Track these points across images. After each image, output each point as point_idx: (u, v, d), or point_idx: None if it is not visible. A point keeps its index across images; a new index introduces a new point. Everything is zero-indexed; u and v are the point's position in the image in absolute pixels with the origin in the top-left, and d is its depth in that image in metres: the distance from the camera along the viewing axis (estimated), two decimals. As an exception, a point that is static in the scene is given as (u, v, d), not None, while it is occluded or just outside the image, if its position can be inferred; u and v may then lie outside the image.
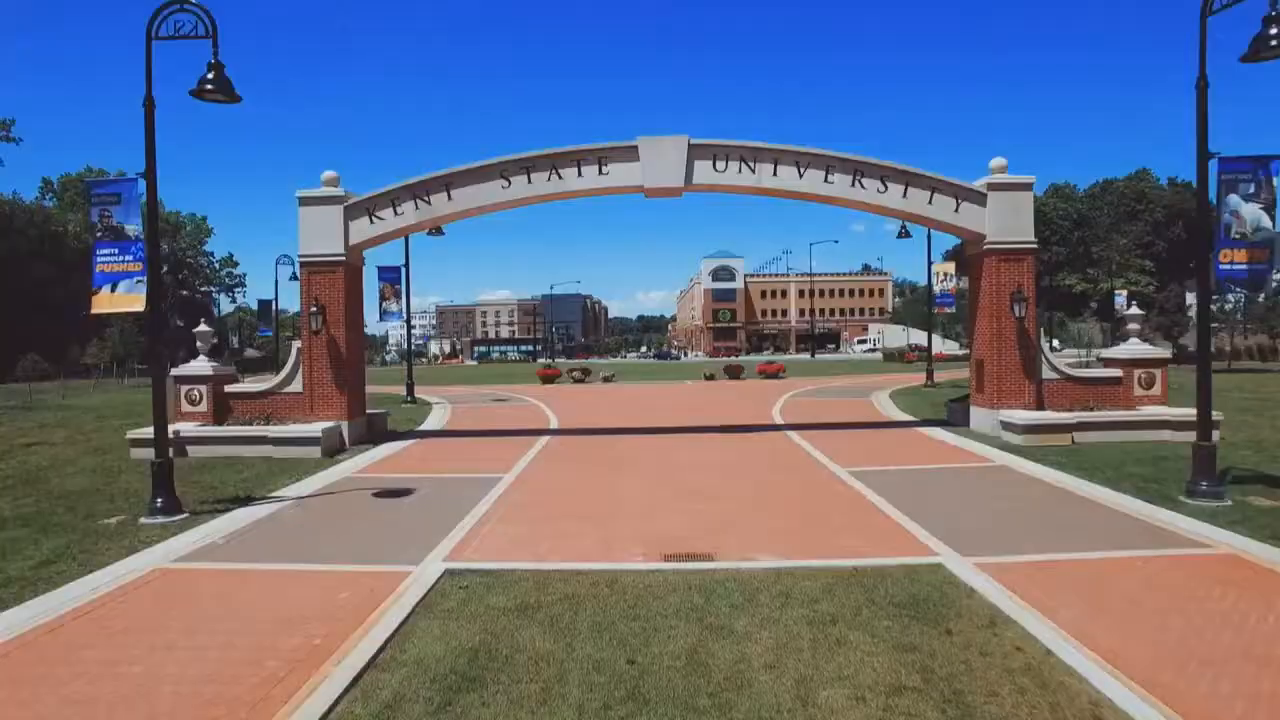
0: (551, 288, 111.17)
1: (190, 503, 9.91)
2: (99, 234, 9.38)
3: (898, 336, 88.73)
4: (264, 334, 56.29)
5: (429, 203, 15.35)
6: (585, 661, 5.03)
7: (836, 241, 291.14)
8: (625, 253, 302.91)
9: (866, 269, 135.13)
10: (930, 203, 15.34)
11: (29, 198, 62.45)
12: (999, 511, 9.11)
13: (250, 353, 76.33)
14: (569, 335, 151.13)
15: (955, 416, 17.15)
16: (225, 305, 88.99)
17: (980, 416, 15.80)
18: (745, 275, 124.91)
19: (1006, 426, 14.60)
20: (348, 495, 10.74)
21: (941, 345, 59.59)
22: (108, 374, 44.88)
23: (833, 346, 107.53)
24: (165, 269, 78.83)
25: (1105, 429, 14.19)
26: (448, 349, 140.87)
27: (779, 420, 19.22)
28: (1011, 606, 5.80)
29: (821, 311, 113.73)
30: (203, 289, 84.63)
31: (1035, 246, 15.39)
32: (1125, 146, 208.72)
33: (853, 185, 15.26)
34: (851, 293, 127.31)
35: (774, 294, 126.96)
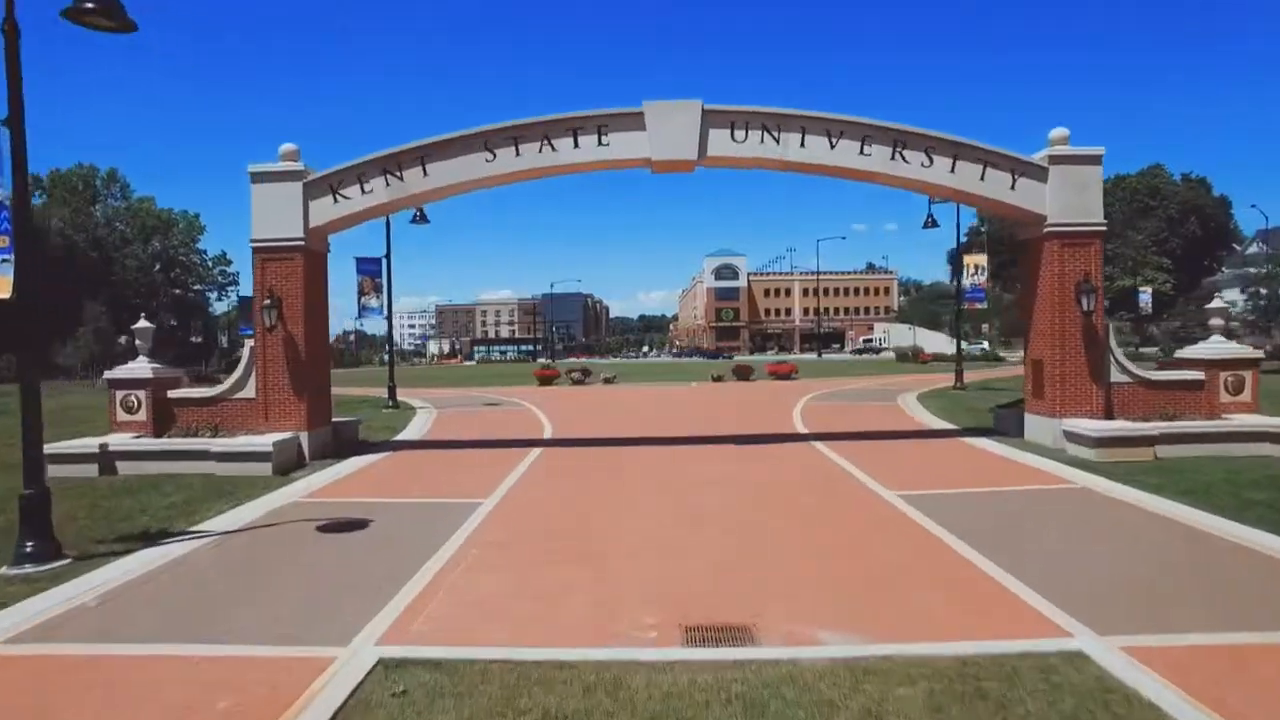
0: (552, 286, 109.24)
1: (83, 541, 7.88)
2: (-49, 199, 7.32)
3: (903, 336, 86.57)
4: (245, 333, 54.06)
5: (401, 179, 13.25)
6: None
7: (844, 238, 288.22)
8: (626, 252, 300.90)
9: (871, 267, 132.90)
10: (982, 179, 13.24)
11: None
12: (1114, 557, 7.03)
13: (245, 352, 73.99)
14: (569, 335, 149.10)
15: (1004, 424, 15.06)
16: (221, 305, 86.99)
17: (1037, 425, 13.72)
18: (748, 274, 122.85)
19: (1073, 438, 12.51)
20: (286, 529, 8.66)
21: (948, 344, 57.37)
22: (84, 376, 42.69)
23: (837, 346, 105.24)
24: (157, 267, 76.86)
25: (1192, 441, 12.09)
26: (447, 349, 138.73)
27: (802, 429, 17.11)
28: (1239, 748, 3.72)
29: (826, 310, 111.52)
30: (196, 287, 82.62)
31: (1104, 229, 13.29)
32: (1126, 146, 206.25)
33: (893, 158, 13.16)
34: (856, 291, 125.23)
35: (777, 293, 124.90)
